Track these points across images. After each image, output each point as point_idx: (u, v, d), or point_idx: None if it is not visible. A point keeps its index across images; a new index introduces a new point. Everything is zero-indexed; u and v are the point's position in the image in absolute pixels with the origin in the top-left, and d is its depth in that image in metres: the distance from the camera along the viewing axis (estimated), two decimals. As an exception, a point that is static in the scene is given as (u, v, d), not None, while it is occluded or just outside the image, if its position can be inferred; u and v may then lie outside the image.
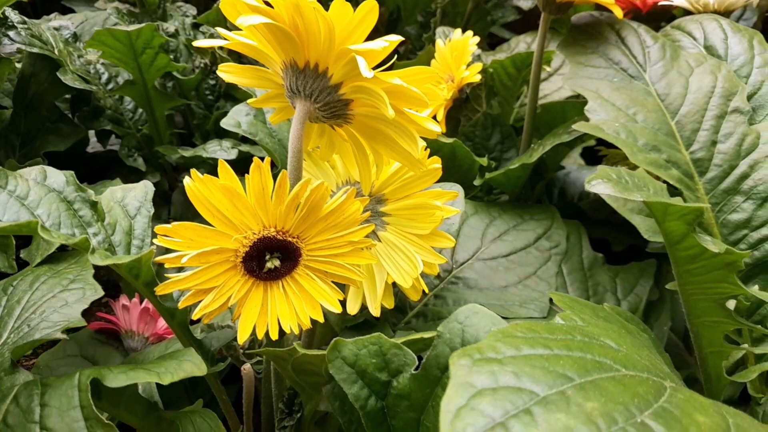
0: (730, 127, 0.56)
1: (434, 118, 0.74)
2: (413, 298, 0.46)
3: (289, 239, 0.40)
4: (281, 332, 0.41)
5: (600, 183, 0.39)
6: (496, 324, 0.33)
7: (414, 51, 0.90)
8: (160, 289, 0.39)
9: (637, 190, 0.42)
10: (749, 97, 0.59)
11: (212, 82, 0.78)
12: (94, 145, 0.88)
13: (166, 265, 0.40)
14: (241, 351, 0.46)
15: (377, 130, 0.42)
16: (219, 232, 0.39)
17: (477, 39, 0.73)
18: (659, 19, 0.87)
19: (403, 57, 0.92)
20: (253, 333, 0.41)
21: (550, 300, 0.59)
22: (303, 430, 0.49)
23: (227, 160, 0.66)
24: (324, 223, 0.41)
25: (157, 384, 0.54)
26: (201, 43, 0.43)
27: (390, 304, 0.47)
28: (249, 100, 0.49)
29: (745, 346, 0.48)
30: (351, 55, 0.37)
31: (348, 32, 0.38)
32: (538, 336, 0.30)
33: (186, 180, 0.38)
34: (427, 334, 0.34)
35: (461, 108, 0.77)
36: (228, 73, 0.45)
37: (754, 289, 0.44)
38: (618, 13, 0.59)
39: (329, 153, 0.48)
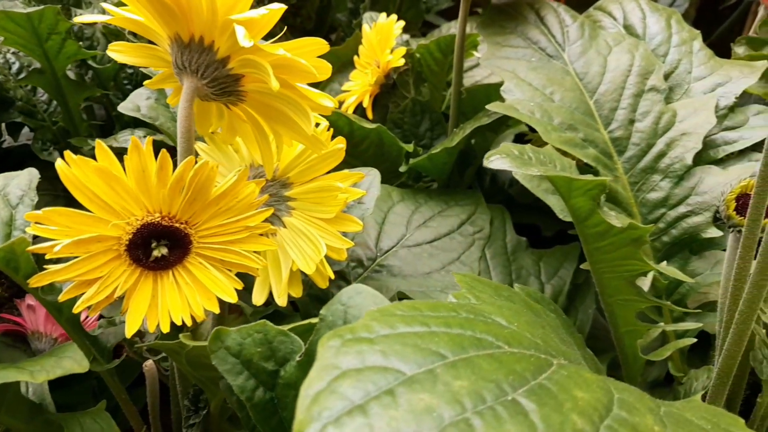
0: (647, 105, 0.56)
1: (361, 104, 0.72)
2: (320, 285, 0.44)
3: (177, 225, 0.38)
4: (173, 326, 0.39)
5: (498, 158, 0.38)
6: (379, 303, 0.31)
7: (345, 38, 0.88)
8: (34, 281, 0.37)
9: (541, 165, 0.41)
10: (667, 76, 0.59)
11: (130, 70, 0.75)
12: (11, 141, 0.83)
13: (46, 256, 0.37)
14: (144, 346, 0.43)
15: (272, 108, 0.39)
16: (97, 218, 0.37)
17: (402, 23, 0.71)
18: (592, 1, 0.88)
19: (335, 44, 0.90)
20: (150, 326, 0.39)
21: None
22: (211, 427, 0.46)
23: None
24: (216, 207, 0.39)
25: (60, 387, 0.51)
26: (83, 18, 0.40)
27: (297, 293, 0.45)
28: (145, 82, 0.46)
29: (661, 324, 0.47)
30: (234, 26, 0.35)
31: (231, 3, 0.36)
32: (419, 314, 0.28)
33: (57, 162, 0.35)
34: (314, 320, 0.33)
35: (390, 94, 0.75)
36: (118, 52, 0.42)
37: (662, 265, 0.43)
38: (535, -9, 0.58)
39: (231, 136, 0.45)
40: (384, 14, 0.73)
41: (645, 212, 0.55)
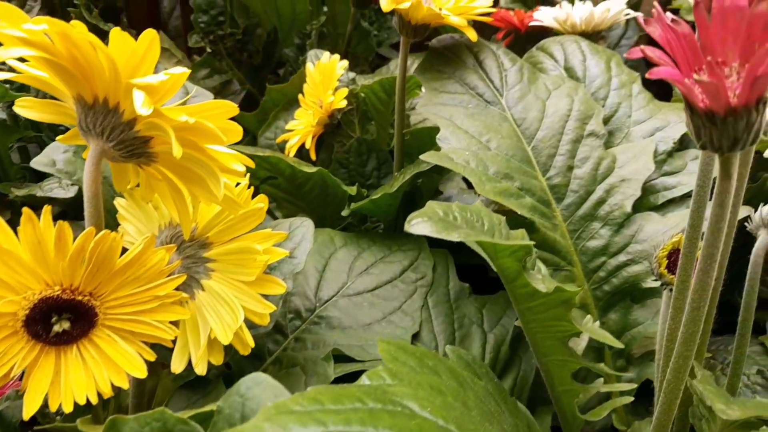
0: (586, 151, 0.55)
1: (303, 145, 0.71)
2: (241, 352, 0.42)
3: (79, 298, 0.36)
4: (75, 405, 0.36)
5: (419, 222, 0.36)
6: (279, 396, 0.29)
7: (293, 72, 0.87)
8: None
9: (467, 225, 0.39)
10: (606, 120, 0.59)
11: (65, 110, 0.72)
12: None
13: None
14: (41, 429, 0.40)
15: (185, 169, 0.38)
16: (-11, 294, 0.34)
17: (345, 63, 0.70)
18: (539, 38, 0.88)
19: (283, 79, 0.89)
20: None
21: (415, 335, 0.56)
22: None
23: (66, 199, 0.61)
24: (122, 276, 0.36)
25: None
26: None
27: (218, 360, 0.42)
28: (58, 138, 0.44)
29: (596, 384, 0.46)
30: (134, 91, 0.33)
31: (134, 65, 0.34)
32: (318, 409, 0.26)
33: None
34: (213, 406, 0.30)
35: (335, 134, 0.74)
36: (25, 108, 0.40)
37: (591, 327, 0.42)
38: (472, 36, 0.57)
39: (150, 193, 0.43)
40: (327, 53, 0.72)
41: (585, 260, 0.54)
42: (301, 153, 0.72)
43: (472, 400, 0.35)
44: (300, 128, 0.71)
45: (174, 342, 0.41)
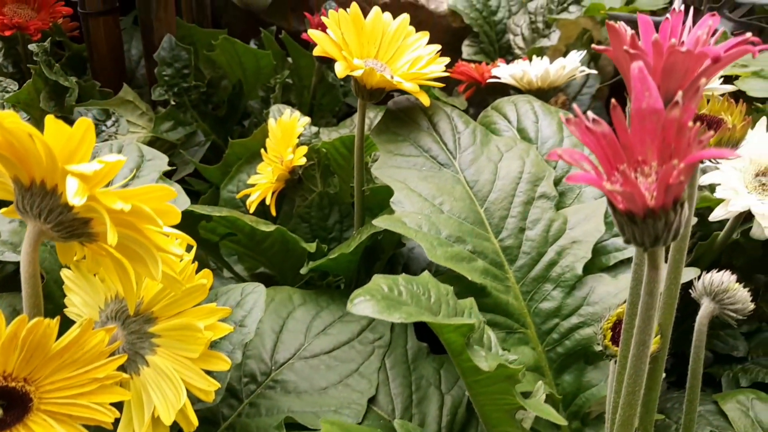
0: (537, 213, 0.56)
1: (264, 201, 0.71)
2: (186, 429, 0.41)
3: (12, 384, 0.35)
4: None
5: (361, 302, 0.36)
6: None
7: (258, 124, 0.87)
8: None
9: (413, 300, 0.40)
10: (558, 181, 0.60)
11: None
12: None
13: None
14: None
15: (126, 247, 0.37)
16: None
17: (306, 120, 0.71)
18: (501, 90, 0.90)
19: (248, 131, 0.89)
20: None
21: (371, 398, 0.56)
22: None
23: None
24: (59, 360, 0.36)
25: None
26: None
27: (163, 436, 0.41)
28: (2, 210, 0.44)
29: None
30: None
31: (71, 150, 0.34)
32: None
33: None
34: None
35: (296, 188, 0.74)
36: (-33, 182, 0.39)
37: (533, 401, 0.42)
38: (425, 100, 0.58)
39: (95, 266, 0.43)
40: (288, 110, 0.72)
41: (539, 322, 0.54)
42: (264, 206, 0.73)
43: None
44: (263, 182, 0.72)
45: (116, 423, 0.40)
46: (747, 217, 0.58)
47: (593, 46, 0.35)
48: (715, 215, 0.54)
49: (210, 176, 0.81)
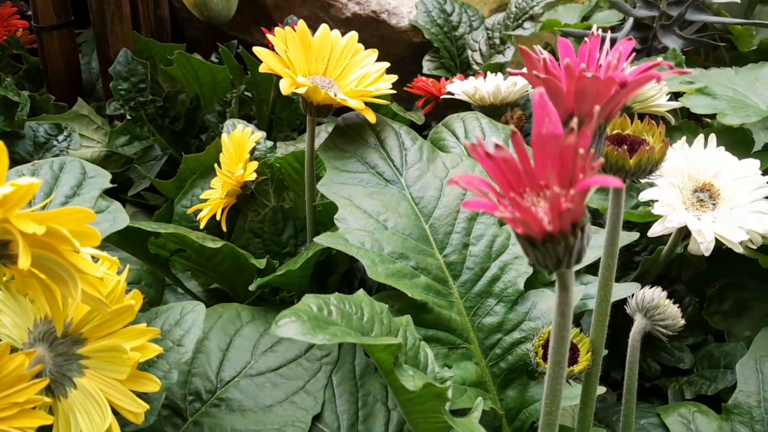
0: (481, 228, 0.57)
1: (214, 216, 0.70)
2: (115, 452, 0.41)
3: (-73, 410, 0.34)
4: None
5: (286, 323, 0.36)
6: None
7: (215, 138, 0.87)
8: None
9: (343, 320, 0.40)
10: (504, 197, 0.60)
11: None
12: None
13: None
14: None
15: (48, 268, 0.37)
16: None
17: (259, 135, 0.71)
18: (459, 107, 0.90)
19: (205, 144, 0.89)
20: None
21: (317, 415, 0.56)
22: None
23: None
24: (-23, 384, 0.35)
25: None
26: None
27: (92, 460, 0.41)
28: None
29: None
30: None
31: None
32: None
33: None
34: None
35: (250, 203, 0.74)
36: None
37: (463, 420, 0.42)
38: (371, 118, 0.58)
39: (24, 286, 0.42)
40: (241, 125, 0.72)
41: (482, 337, 0.55)
42: (219, 221, 0.72)
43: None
44: (215, 196, 0.71)
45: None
46: (688, 232, 0.59)
47: (508, 69, 0.35)
48: (653, 231, 0.55)
49: (165, 191, 0.81)
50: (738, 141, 0.70)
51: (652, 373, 0.68)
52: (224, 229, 0.70)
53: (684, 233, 0.60)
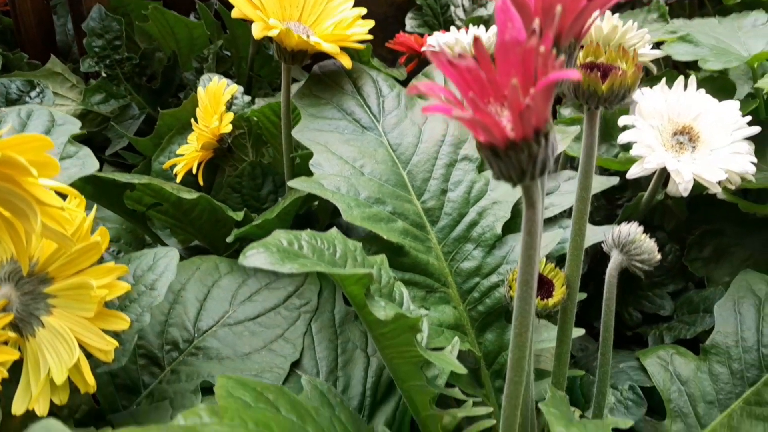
0: (459, 174, 0.56)
1: (194, 172, 0.69)
2: (84, 390, 0.40)
3: None
4: None
5: (254, 254, 0.36)
6: None
7: (194, 97, 0.85)
8: None
9: (315, 254, 0.39)
10: (483, 144, 0.60)
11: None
12: None
13: None
14: None
15: (8, 202, 0.36)
16: None
17: (234, 87, 0.70)
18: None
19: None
20: None
21: (296, 362, 0.56)
22: None
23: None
24: (-62, 318, 0.35)
25: None
26: None
27: (62, 400, 0.40)
28: None
29: (452, 410, 0.46)
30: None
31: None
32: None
33: None
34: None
35: (227, 158, 0.73)
36: None
37: (436, 353, 0.42)
38: (346, 63, 0.57)
39: (-11, 227, 0.42)
40: (217, 77, 0.71)
41: (460, 282, 0.54)
42: (196, 177, 0.71)
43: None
44: (190, 151, 0.70)
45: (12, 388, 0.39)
46: (668, 178, 0.59)
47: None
48: (632, 173, 0.54)
49: (142, 149, 0.79)
50: (719, 89, 0.70)
51: (633, 321, 0.68)
52: (201, 182, 0.69)
53: (664, 179, 0.60)
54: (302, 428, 0.35)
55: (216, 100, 0.67)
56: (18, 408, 0.40)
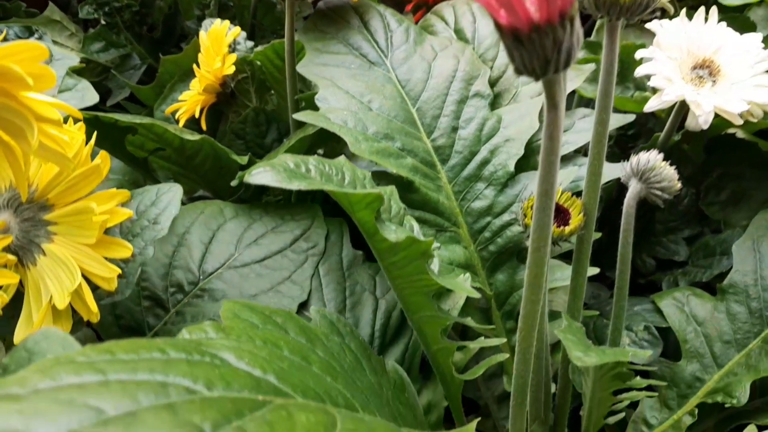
0: (471, 111, 0.54)
1: (195, 116, 0.68)
2: (88, 318, 0.39)
3: None
4: None
5: (262, 172, 0.34)
6: (69, 348, 0.27)
7: (196, 46, 0.83)
8: None
9: (322, 178, 0.38)
10: (495, 81, 0.58)
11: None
12: None
13: None
14: None
15: (5, 120, 0.35)
16: None
17: (237, 30, 0.68)
18: None
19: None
20: None
21: (303, 303, 0.54)
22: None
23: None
24: (-66, 238, 0.33)
25: None
26: None
27: (66, 328, 0.39)
28: None
29: (466, 342, 0.45)
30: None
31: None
32: (107, 359, 0.24)
33: None
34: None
35: (230, 104, 0.71)
36: None
37: (447, 277, 0.41)
38: (352, -6, 0.55)
39: (-14, 154, 0.40)
40: (219, 20, 0.69)
41: (471, 221, 0.53)
42: (198, 125, 0.70)
43: (318, 356, 0.33)
44: (192, 96, 0.68)
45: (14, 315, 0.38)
46: (686, 116, 0.57)
47: None
48: (649, 106, 0.52)
49: (144, 98, 0.77)
50: (739, 29, 0.67)
51: (647, 268, 0.67)
52: (204, 127, 0.67)
53: (681, 116, 0.58)
54: (312, 351, 0.33)
55: (218, 42, 0.65)
56: (20, 338, 0.39)
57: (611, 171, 0.53)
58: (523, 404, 0.38)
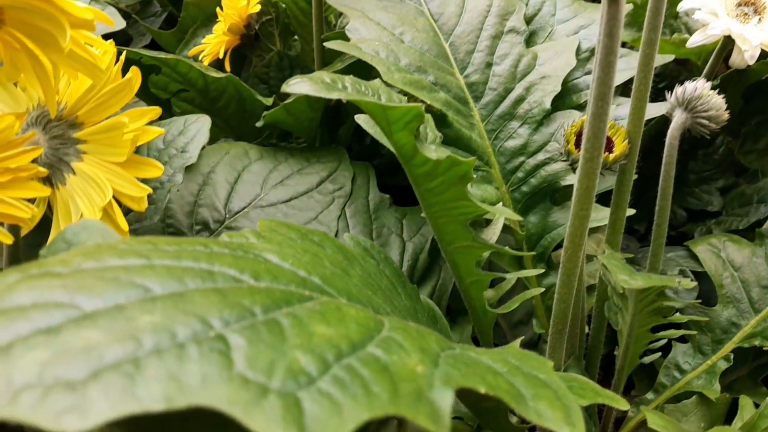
0: (506, 47, 0.53)
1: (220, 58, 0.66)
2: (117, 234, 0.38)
3: None
4: None
5: (299, 82, 0.33)
6: (108, 238, 0.26)
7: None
8: None
9: (357, 93, 0.36)
10: (530, 19, 0.56)
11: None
12: None
13: None
14: None
15: (34, 27, 0.33)
16: None
17: (261, -33, 0.66)
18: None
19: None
20: None
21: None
22: None
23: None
24: (-35, 145, 0.32)
25: None
26: None
27: (95, 251, 0.39)
28: None
29: (502, 274, 0.44)
30: None
31: None
32: (149, 248, 0.23)
33: None
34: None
35: (254, 47, 0.69)
36: None
37: (494, 207, 0.40)
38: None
39: (14, 72, 0.39)
40: (244, -40, 0.67)
41: (503, 161, 0.52)
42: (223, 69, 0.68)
43: (357, 272, 0.32)
44: (215, 39, 0.67)
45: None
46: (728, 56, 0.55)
47: None
48: (693, 41, 0.50)
49: (166, 43, 0.76)
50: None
51: (678, 220, 0.65)
52: (228, 69, 0.66)
53: (722, 58, 0.56)
54: (347, 266, 0.32)
55: (243, -19, 0.64)
56: (49, 259, 0.38)
57: (649, 110, 0.51)
58: (563, 332, 0.37)
